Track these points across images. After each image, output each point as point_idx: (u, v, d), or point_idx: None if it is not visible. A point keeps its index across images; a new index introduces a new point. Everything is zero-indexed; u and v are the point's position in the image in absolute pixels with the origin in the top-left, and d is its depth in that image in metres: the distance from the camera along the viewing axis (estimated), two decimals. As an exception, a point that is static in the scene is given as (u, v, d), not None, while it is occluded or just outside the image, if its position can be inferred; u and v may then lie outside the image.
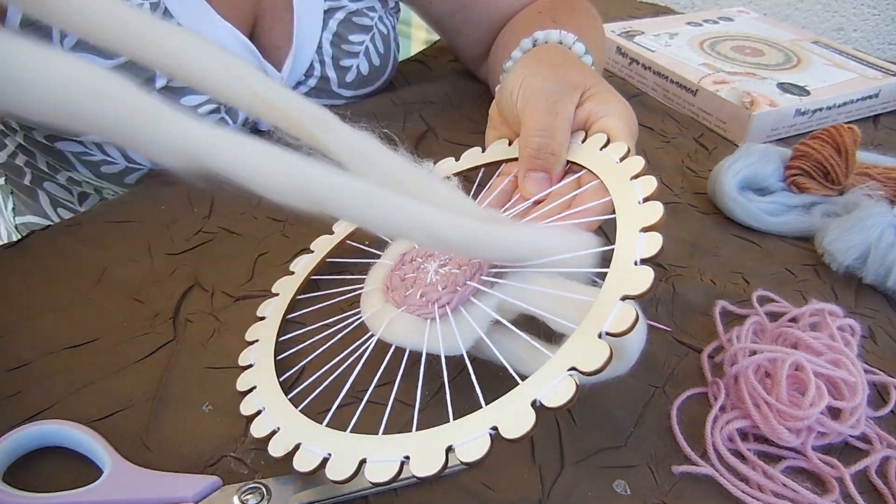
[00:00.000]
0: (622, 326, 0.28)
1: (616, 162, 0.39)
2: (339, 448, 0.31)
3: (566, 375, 0.28)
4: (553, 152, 0.41)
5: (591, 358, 0.28)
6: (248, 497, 0.32)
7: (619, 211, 0.35)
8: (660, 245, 0.32)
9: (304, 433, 0.33)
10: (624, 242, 0.33)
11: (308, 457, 0.31)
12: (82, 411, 0.36)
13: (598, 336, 0.29)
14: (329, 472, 0.30)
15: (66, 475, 0.34)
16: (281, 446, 0.33)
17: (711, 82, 0.71)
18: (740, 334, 0.43)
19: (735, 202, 0.56)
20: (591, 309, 0.30)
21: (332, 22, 0.62)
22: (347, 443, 0.31)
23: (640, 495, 0.34)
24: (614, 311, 0.29)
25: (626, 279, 0.30)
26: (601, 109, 0.42)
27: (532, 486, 0.35)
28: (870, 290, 0.50)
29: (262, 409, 0.36)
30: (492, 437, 0.27)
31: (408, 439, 0.30)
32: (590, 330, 0.29)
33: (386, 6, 0.68)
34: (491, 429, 0.28)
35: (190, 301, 0.44)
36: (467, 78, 0.77)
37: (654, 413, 0.39)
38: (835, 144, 0.56)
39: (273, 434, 0.34)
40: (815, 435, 0.37)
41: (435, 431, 0.29)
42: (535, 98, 0.43)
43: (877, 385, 0.42)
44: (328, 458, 0.31)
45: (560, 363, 0.29)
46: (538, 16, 0.63)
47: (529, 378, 0.29)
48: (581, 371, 0.28)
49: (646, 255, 0.31)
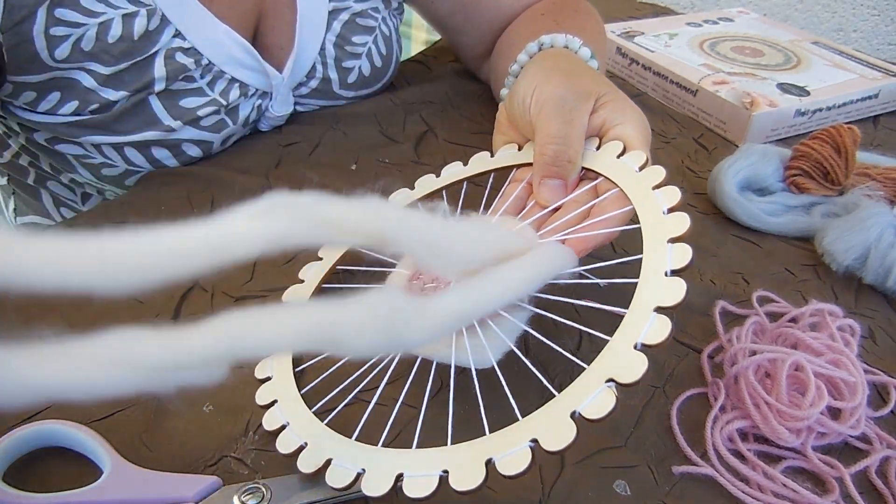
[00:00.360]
0: (658, 338, 0.28)
1: (636, 171, 0.38)
2: (372, 463, 0.30)
3: (605, 387, 0.28)
4: (570, 160, 0.41)
5: (629, 370, 0.28)
6: (248, 497, 0.32)
7: (644, 221, 0.35)
8: (690, 256, 0.31)
9: (335, 448, 0.32)
10: (652, 253, 0.32)
11: (341, 472, 0.31)
12: (82, 411, 0.36)
13: (633, 347, 0.29)
14: (365, 487, 0.29)
15: (66, 475, 0.34)
16: (311, 462, 0.32)
17: (711, 83, 0.72)
18: (740, 334, 0.43)
19: (735, 202, 0.56)
20: (624, 320, 0.30)
21: (336, 23, 0.62)
22: (381, 457, 0.31)
23: (640, 495, 0.34)
24: (649, 323, 0.29)
25: (657, 290, 0.30)
26: (616, 117, 0.42)
27: (532, 486, 0.35)
28: (870, 290, 0.50)
29: (286, 423, 0.35)
30: (532, 449, 0.27)
31: (443, 453, 0.29)
32: (625, 341, 0.29)
33: (389, 7, 0.68)
34: (531, 441, 0.27)
35: (190, 301, 0.45)
36: (467, 78, 0.77)
37: (654, 413, 0.39)
38: (835, 145, 0.56)
39: (301, 450, 0.33)
40: (815, 435, 0.37)
41: (471, 445, 0.29)
42: (549, 105, 0.43)
43: (877, 385, 0.42)
44: (362, 473, 0.30)
45: (597, 374, 0.29)
46: (541, 18, 0.63)
47: (566, 389, 0.29)
48: (619, 383, 0.28)
49: (676, 267, 0.31)
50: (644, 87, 0.79)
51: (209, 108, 0.56)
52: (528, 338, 0.43)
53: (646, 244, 0.33)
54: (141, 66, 0.51)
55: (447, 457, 0.29)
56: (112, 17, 0.49)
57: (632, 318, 0.30)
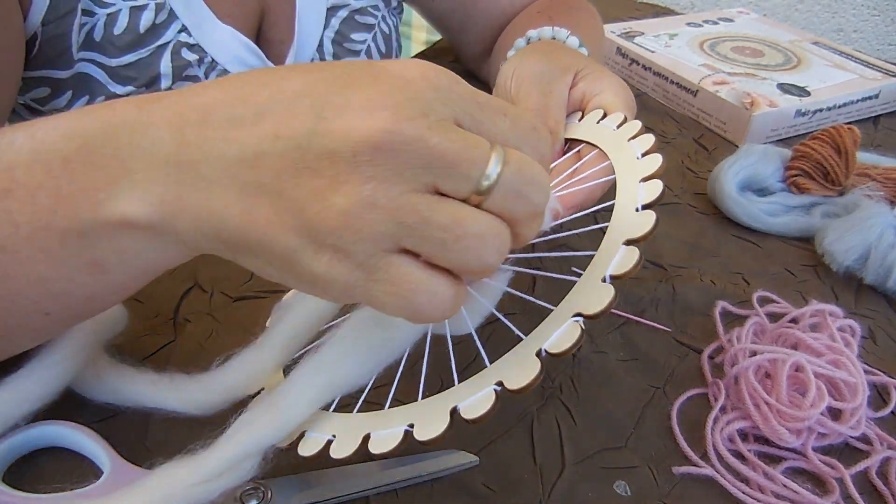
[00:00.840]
0: (625, 268, 0.28)
1: (613, 129, 0.38)
2: (344, 429, 0.30)
3: (571, 322, 0.27)
4: (550, 131, 0.41)
5: (595, 301, 0.27)
6: (249, 497, 0.32)
7: (618, 167, 0.35)
8: (660, 190, 0.31)
9: (311, 422, 0.32)
10: (624, 193, 0.32)
11: (313, 441, 0.30)
12: (82, 411, 0.36)
13: (601, 280, 0.28)
14: (333, 452, 0.29)
15: (66, 475, 0.33)
16: (286, 436, 0.32)
17: (711, 83, 0.71)
18: (740, 335, 0.43)
19: (735, 203, 0.56)
20: (594, 258, 0.29)
21: (335, 20, 0.62)
22: (352, 422, 0.30)
23: (640, 496, 0.34)
24: (618, 255, 0.28)
25: (628, 225, 0.30)
26: (595, 87, 0.43)
27: (532, 486, 0.34)
28: (870, 290, 0.50)
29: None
30: (497, 393, 0.26)
31: (412, 409, 0.29)
32: (593, 275, 0.28)
33: (389, 5, 0.68)
34: (496, 384, 0.27)
35: (189, 301, 0.44)
36: (467, 78, 0.76)
37: (654, 413, 0.39)
38: (835, 145, 0.56)
39: None
40: (815, 436, 0.37)
41: (439, 396, 0.28)
42: (528, 80, 0.43)
43: (877, 386, 0.42)
44: (332, 439, 0.30)
45: (565, 311, 0.28)
46: (537, 16, 0.63)
47: (534, 331, 0.28)
48: (585, 315, 0.27)
49: (647, 201, 0.31)
50: (644, 88, 0.79)
51: None
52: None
53: (618, 186, 0.33)
54: (148, 62, 0.51)
55: (414, 412, 0.29)
56: (121, 9, 0.50)
57: (601, 256, 0.29)
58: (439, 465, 0.34)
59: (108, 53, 0.50)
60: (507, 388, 0.26)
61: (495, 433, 0.37)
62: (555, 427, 0.38)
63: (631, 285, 0.48)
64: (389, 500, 0.33)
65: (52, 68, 0.49)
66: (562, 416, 0.38)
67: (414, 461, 0.34)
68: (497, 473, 0.35)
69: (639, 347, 0.43)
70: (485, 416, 0.26)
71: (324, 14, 0.61)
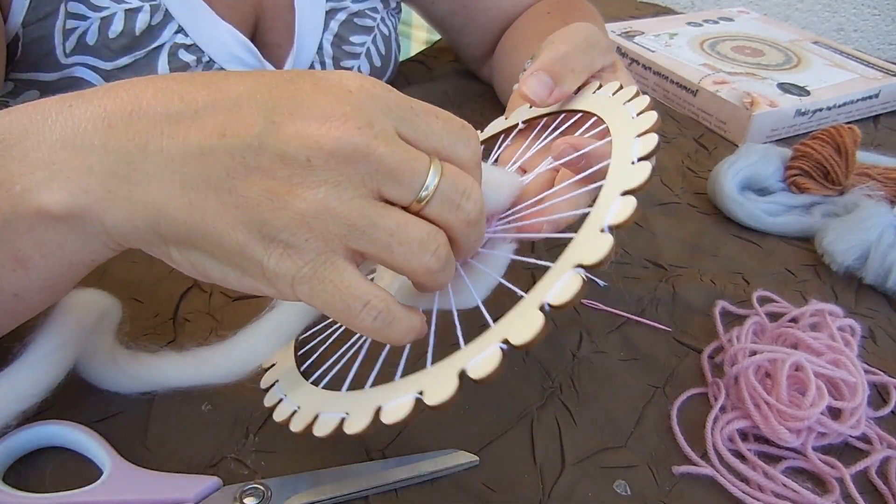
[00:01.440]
0: (623, 216, 0.28)
1: (609, 96, 0.38)
2: (355, 405, 0.30)
3: (572, 273, 0.27)
4: (573, 69, 0.40)
5: (594, 251, 0.27)
6: (248, 498, 0.32)
7: (613, 128, 0.35)
8: (655, 142, 0.31)
9: (323, 404, 0.32)
10: (619, 149, 0.32)
11: (327, 422, 0.30)
12: (82, 411, 0.36)
13: (600, 231, 0.28)
14: (347, 428, 0.29)
15: (66, 475, 0.34)
16: (301, 422, 0.32)
17: (711, 82, 0.71)
18: (740, 335, 0.43)
19: (735, 202, 0.56)
20: (591, 212, 0.29)
21: (334, 23, 0.62)
22: (362, 397, 0.30)
23: (640, 495, 0.34)
24: (615, 205, 0.28)
25: (624, 177, 0.30)
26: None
27: (532, 486, 0.35)
28: (870, 290, 0.50)
29: (283, 396, 0.35)
30: (503, 350, 0.26)
31: (420, 376, 0.29)
32: (592, 227, 0.29)
33: (388, 6, 0.68)
34: (502, 342, 0.27)
35: (189, 301, 0.44)
36: (467, 78, 0.77)
37: (654, 413, 0.39)
38: (835, 145, 0.56)
39: (293, 414, 0.33)
40: (815, 435, 0.37)
41: (446, 361, 0.28)
42: (575, 29, 0.42)
43: (877, 385, 0.42)
44: (346, 417, 0.30)
45: (564, 263, 0.28)
46: (548, 17, 0.63)
47: (535, 286, 0.28)
48: (585, 265, 0.27)
49: (642, 154, 0.31)
50: (644, 87, 0.79)
51: None
52: None
53: (613, 145, 0.33)
54: (144, 64, 0.51)
55: (423, 379, 0.28)
56: (115, 12, 0.49)
57: (599, 208, 0.29)
58: (439, 464, 0.34)
59: (102, 57, 0.50)
60: (512, 345, 0.26)
61: (495, 433, 0.37)
62: (555, 427, 0.38)
63: (631, 285, 0.48)
64: (389, 499, 0.33)
65: (37, 70, 0.49)
66: (562, 416, 0.38)
67: (414, 461, 0.34)
68: (497, 473, 0.35)
69: (639, 347, 0.43)
70: (492, 374, 0.26)
71: (322, 17, 0.61)
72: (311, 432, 0.31)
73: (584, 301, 0.46)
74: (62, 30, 0.48)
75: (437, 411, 0.27)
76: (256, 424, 0.37)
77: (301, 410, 0.33)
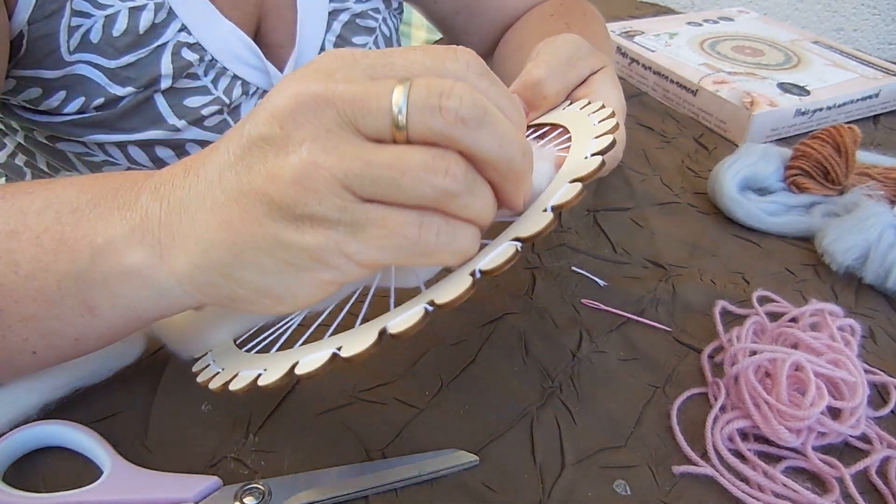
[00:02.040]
0: (566, 198, 0.29)
1: (577, 110, 0.40)
2: (276, 362, 0.30)
3: (507, 244, 0.28)
4: (545, 96, 0.41)
5: (532, 226, 0.28)
6: (248, 497, 0.32)
7: (575, 133, 0.36)
8: (609, 140, 0.32)
9: (247, 364, 0.32)
10: (577, 148, 0.34)
11: (244, 378, 0.30)
12: (82, 411, 0.36)
13: (543, 210, 0.29)
14: (261, 381, 0.29)
15: (66, 475, 0.34)
16: (220, 380, 0.32)
17: (711, 82, 0.71)
18: (740, 334, 0.43)
19: (735, 202, 0.56)
20: (541, 195, 0.31)
21: (336, 24, 0.62)
22: (285, 356, 0.30)
23: (640, 495, 0.34)
24: (561, 189, 0.30)
25: (576, 167, 0.31)
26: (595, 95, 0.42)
27: (532, 486, 0.35)
28: (870, 290, 0.50)
29: (211, 362, 0.35)
30: (427, 310, 0.27)
31: (345, 335, 0.29)
32: (537, 206, 0.30)
33: (390, 7, 0.68)
34: (427, 303, 0.27)
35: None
36: (467, 78, 0.77)
37: (654, 413, 0.39)
38: (835, 144, 0.56)
39: (216, 375, 0.33)
40: (815, 435, 0.37)
41: (374, 322, 0.29)
42: (562, 42, 0.43)
43: (877, 385, 0.42)
44: (263, 372, 0.30)
45: (504, 236, 0.29)
46: (550, 19, 0.63)
47: (474, 257, 0.29)
48: (521, 238, 0.28)
49: (595, 150, 0.32)
50: (644, 87, 0.79)
51: (213, 107, 0.56)
52: (527, 338, 0.43)
53: (572, 144, 0.35)
54: (148, 62, 0.51)
55: (346, 337, 0.29)
56: (119, 10, 0.49)
57: (547, 193, 0.31)
58: (439, 464, 0.34)
59: (106, 55, 0.50)
60: (437, 305, 0.27)
61: (495, 433, 0.37)
62: (555, 427, 0.38)
63: (631, 285, 0.48)
64: (389, 499, 0.33)
65: (41, 68, 0.49)
66: (562, 416, 0.38)
67: (414, 461, 0.35)
68: (497, 473, 0.35)
69: (639, 347, 0.43)
70: (409, 330, 0.26)
71: (325, 18, 0.61)
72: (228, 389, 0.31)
73: (584, 301, 0.46)
74: (67, 27, 0.48)
75: (351, 363, 0.27)
76: (256, 424, 0.37)
77: (224, 371, 0.33)
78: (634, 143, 0.66)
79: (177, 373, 0.39)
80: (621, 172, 0.62)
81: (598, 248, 0.52)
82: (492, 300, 0.41)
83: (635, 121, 0.71)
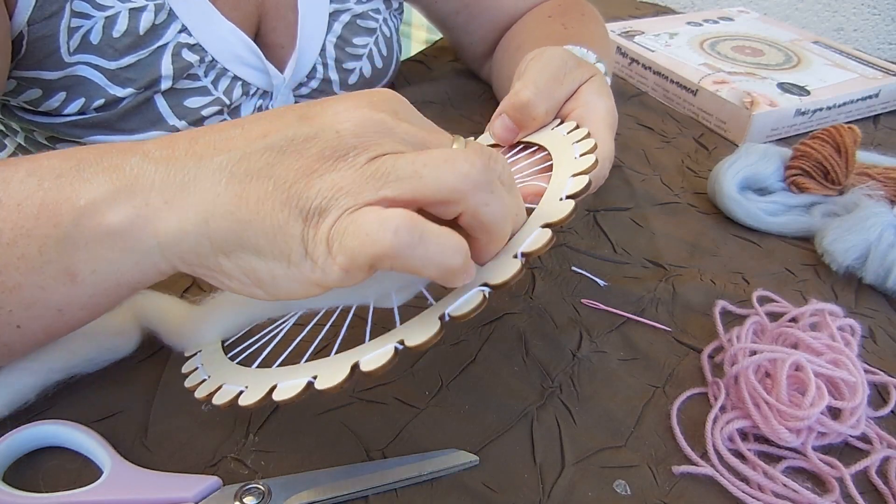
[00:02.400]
0: (536, 246, 0.30)
1: (564, 134, 0.40)
2: (257, 381, 0.31)
3: (476, 290, 0.29)
4: (535, 117, 0.42)
5: (503, 273, 0.29)
6: (248, 497, 0.32)
7: (556, 164, 0.37)
8: (584, 183, 0.33)
9: (233, 377, 0.33)
10: (555, 185, 0.35)
11: (227, 392, 0.32)
12: (82, 411, 0.36)
13: (513, 256, 0.30)
14: (241, 401, 0.30)
15: (66, 475, 0.34)
16: (205, 389, 0.33)
17: (711, 82, 0.71)
18: (740, 334, 0.43)
19: (735, 202, 0.56)
20: (514, 236, 0.31)
21: (337, 24, 0.62)
22: (267, 375, 0.32)
23: (640, 495, 0.34)
24: (532, 235, 0.31)
25: (549, 211, 0.32)
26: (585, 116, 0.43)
27: (532, 486, 0.35)
28: (870, 290, 0.50)
29: (199, 366, 0.36)
30: (397, 350, 0.28)
31: (321, 363, 0.30)
32: (508, 251, 0.31)
33: (390, 7, 0.68)
34: (398, 343, 0.28)
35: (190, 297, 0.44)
36: (467, 78, 0.77)
37: (654, 413, 0.39)
38: (835, 144, 0.56)
39: (202, 383, 0.34)
40: (815, 435, 0.37)
41: (347, 353, 0.30)
42: (548, 58, 0.43)
43: (877, 385, 0.42)
44: (244, 390, 0.31)
45: (474, 281, 0.30)
46: (548, 20, 0.63)
47: (443, 299, 0.30)
48: (490, 285, 0.29)
49: (570, 192, 0.33)
50: (644, 87, 0.79)
51: (213, 107, 0.56)
52: (527, 338, 0.43)
53: (552, 181, 0.36)
54: (148, 63, 0.51)
55: (322, 365, 0.30)
56: (119, 11, 0.49)
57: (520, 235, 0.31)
58: (439, 464, 0.34)
59: (106, 56, 0.50)
60: (406, 346, 0.28)
61: (495, 433, 0.37)
62: (555, 427, 0.38)
63: (631, 285, 0.48)
64: (389, 499, 0.33)
65: (41, 69, 0.49)
66: (562, 416, 0.38)
67: (414, 461, 0.35)
68: (497, 473, 0.35)
69: (639, 347, 0.43)
70: (380, 369, 0.28)
71: (326, 19, 0.61)
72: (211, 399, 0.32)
73: (584, 301, 0.46)
74: (67, 28, 0.48)
75: (324, 395, 0.28)
76: (256, 424, 0.37)
77: (210, 380, 0.34)
78: (634, 143, 0.66)
79: (177, 373, 0.39)
80: (621, 172, 0.62)
81: (598, 248, 0.52)
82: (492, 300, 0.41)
83: (635, 121, 0.71)
